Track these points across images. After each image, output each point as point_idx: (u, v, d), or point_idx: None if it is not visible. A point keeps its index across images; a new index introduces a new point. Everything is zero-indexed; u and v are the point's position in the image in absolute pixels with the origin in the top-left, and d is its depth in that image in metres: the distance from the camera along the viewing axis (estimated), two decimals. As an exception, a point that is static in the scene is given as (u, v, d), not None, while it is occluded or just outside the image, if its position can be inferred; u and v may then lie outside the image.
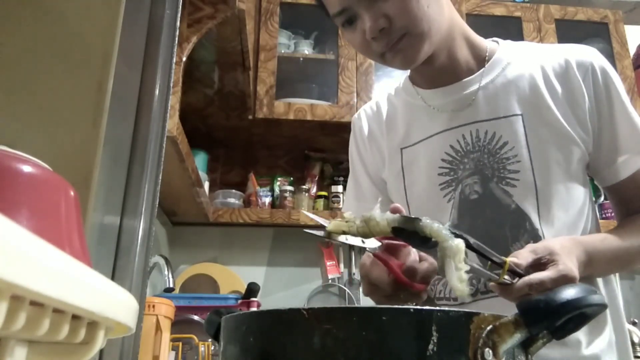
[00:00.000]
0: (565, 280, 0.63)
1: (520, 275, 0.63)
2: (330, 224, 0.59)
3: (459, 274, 0.50)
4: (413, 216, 0.54)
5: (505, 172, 0.83)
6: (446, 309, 0.36)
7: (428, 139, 0.90)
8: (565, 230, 0.82)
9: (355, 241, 0.62)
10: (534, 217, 0.81)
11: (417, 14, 0.78)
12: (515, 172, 0.82)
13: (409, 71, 0.96)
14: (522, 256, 0.66)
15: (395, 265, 0.66)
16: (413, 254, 0.68)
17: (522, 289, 0.62)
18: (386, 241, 0.65)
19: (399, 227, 0.53)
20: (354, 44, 0.86)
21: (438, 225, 0.52)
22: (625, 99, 0.86)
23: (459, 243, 0.51)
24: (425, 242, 0.53)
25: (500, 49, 0.91)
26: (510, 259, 0.63)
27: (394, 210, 0.61)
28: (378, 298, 0.71)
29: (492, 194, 0.83)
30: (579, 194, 0.85)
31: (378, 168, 0.98)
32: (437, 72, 0.89)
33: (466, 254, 0.52)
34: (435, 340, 0.35)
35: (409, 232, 0.53)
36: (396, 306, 0.36)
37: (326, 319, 0.36)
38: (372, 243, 0.64)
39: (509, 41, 0.94)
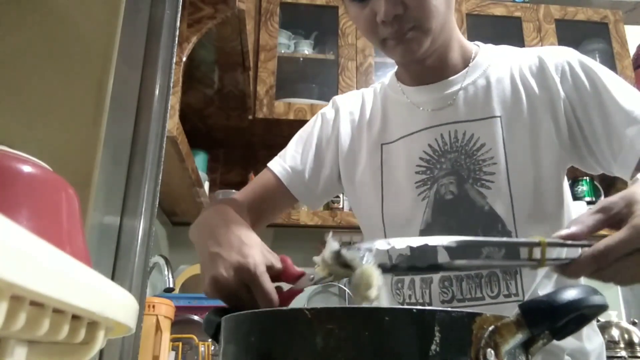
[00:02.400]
0: None
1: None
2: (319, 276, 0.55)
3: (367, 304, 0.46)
4: (338, 249, 0.49)
5: (481, 173, 0.83)
6: (449, 309, 0.36)
7: (408, 136, 0.90)
8: (542, 232, 0.80)
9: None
10: (508, 220, 0.81)
11: (431, 10, 0.79)
12: (490, 174, 0.82)
13: (395, 68, 0.96)
14: (580, 221, 0.54)
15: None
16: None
17: (588, 265, 0.50)
18: None
19: (338, 262, 0.50)
20: (358, 22, 0.85)
21: (352, 253, 0.48)
22: (616, 85, 0.81)
23: (366, 270, 0.47)
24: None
25: (481, 52, 0.93)
26: (566, 231, 0.53)
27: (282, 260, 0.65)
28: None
29: (467, 195, 0.83)
30: (557, 195, 0.84)
31: (342, 152, 0.96)
32: (426, 70, 0.89)
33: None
34: (437, 341, 0.35)
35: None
36: (399, 307, 0.36)
37: (329, 319, 0.36)
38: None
39: (490, 45, 0.96)
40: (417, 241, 0.46)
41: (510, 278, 0.81)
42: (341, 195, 2.18)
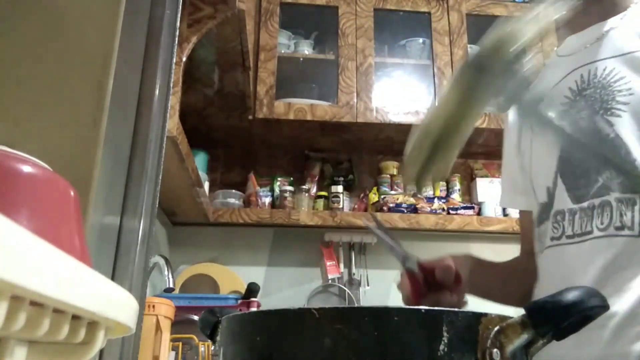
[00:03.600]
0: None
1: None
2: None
3: None
4: None
5: (614, 102, 0.80)
6: (455, 309, 0.36)
7: (554, 86, 0.89)
8: None
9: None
10: (633, 146, 0.77)
11: None
12: (624, 104, 0.79)
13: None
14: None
15: (418, 284, 0.71)
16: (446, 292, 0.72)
17: None
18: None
19: None
20: None
21: None
22: None
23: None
24: None
25: None
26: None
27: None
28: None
29: (598, 128, 0.81)
30: None
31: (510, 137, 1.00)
32: (587, 16, 0.89)
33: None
34: (445, 341, 0.35)
35: None
36: (407, 307, 0.37)
37: (337, 319, 0.36)
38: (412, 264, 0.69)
39: None
40: None
41: (625, 208, 0.75)
42: (341, 196, 2.18)
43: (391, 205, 2.12)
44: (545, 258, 0.86)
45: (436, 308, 0.36)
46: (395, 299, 2.16)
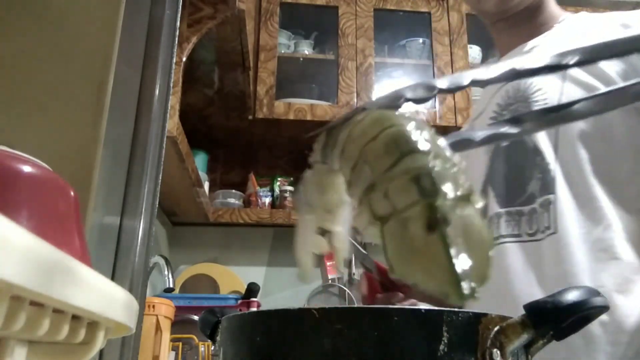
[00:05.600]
0: None
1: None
2: None
3: None
4: None
5: None
6: (455, 309, 0.36)
7: (487, 104, 0.94)
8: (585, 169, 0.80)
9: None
10: (548, 154, 0.81)
11: None
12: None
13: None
14: None
15: (374, 283, 0.79)
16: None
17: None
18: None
19: None
20: None
21: None
22: None
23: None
24: None
25: (572, 17, 0.92)
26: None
27: None
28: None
29: (521, 140, 0.84)
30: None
31: None
32: (513, 33, 0.93)
33: None
34: (445, 341, 0.35)
35: None
36: (408, 307, 0.37)
37: (337, 319, 0.36)
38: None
39: (594, 14, 0.94)
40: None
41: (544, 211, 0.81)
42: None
43: (391, 205, 2.12)
44: None
45: (436, 308, 0.36)
46: (395, 299, 2.16)
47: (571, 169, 0.79)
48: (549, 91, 0.82)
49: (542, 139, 0.82)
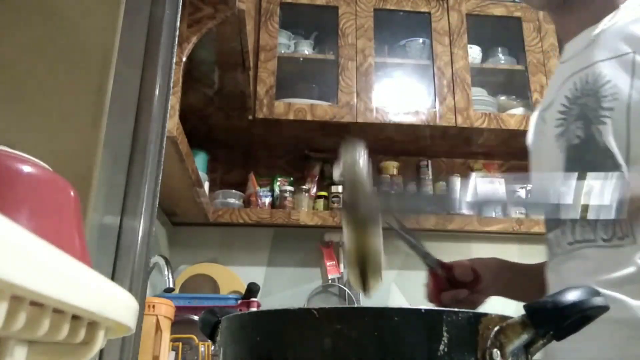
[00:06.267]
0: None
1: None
2: None
3: None
4: None
5: (600, 110, 0.80)
6: (455, 309, 0.36)
7: (553, 101, 0.91)
8: None
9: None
10: (620, 154, 0.77)
11: None
12: (609, 110, 0.79)
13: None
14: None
15: (439, 280, 0.85)
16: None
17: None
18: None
19: None
20: None
21: None
22: None
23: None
24: None
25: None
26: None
27: None
28: None
29: (593, 138, 0.81)
30: None
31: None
32: (573, 21, 0.91)
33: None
34: (445, 341, 0.35)
35: None
36: (407, 307, 0.37)
37: (337, 319, 0.36)
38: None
39: None
40: None
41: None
42: (341, 196, 2.18)
43: (391, 205, 2.12)
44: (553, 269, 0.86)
45: (436, 308, 0.36)
46: (395, 299, 2.16)
47: None
48: (618, 84, 0.79)
49: (613, 141, 0.78)
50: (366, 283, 0.62)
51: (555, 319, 0.37)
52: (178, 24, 0.85)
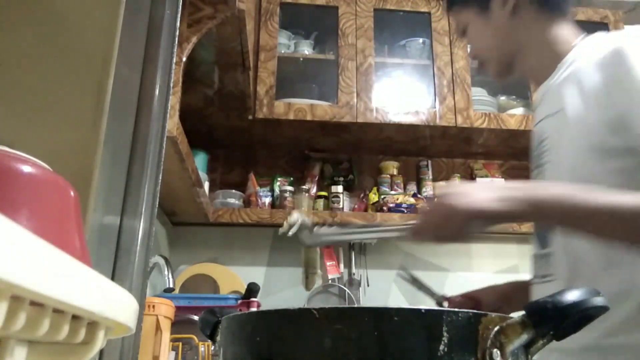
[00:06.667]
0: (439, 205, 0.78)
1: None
2: None
3: None
4: None
5: (542, 162, 0.89)
6: (455, 309, 0.36)
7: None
8: None
9: None
10: None
11: (483, 43, 1.00)
12: (547, 162, 0.88)
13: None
14: None
15: None
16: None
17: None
18: None
19: None
20: None
21: None
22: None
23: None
24: None
25: (578, 46, 0.90)
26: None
27: None
28: None
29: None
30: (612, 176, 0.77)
31: None
32: (529, 77, 1.02)
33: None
34: (445, 341, 0.35)
35: None
36: (407, 307, 0.37)
37: (337, 319, 0.36)
38: None
39: (598, 34, 0.90)
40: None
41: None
42: (341, 196, 2.18)
43: (391, 205, 2.12)
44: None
45: (436, 308, 0.36)
46: (395, 299, 2.16)
47: None
48: (553, 140, 0.87)
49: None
50: (308, 279, 1.07)
51: (555, 319, 0.37)
52: (178, 24, 0.85)
